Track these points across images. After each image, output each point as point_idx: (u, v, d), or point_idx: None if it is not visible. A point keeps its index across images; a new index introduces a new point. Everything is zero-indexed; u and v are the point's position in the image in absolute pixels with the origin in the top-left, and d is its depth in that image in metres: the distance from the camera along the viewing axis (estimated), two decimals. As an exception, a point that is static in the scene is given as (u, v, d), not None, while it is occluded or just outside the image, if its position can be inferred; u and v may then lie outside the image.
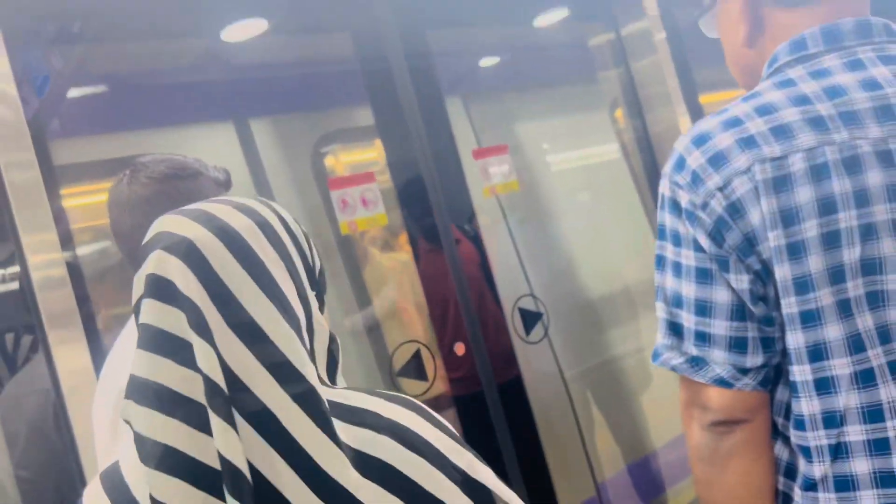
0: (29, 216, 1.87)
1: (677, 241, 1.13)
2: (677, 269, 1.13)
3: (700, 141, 1.13)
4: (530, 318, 3.39)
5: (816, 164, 1.05)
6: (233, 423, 0.86)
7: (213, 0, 2.52)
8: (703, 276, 1.11)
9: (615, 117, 3.89)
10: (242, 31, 2.89)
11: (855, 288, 1.05)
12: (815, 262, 1.05)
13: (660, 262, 1.17)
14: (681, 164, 1.13)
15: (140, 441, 0.88)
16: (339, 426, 0.92)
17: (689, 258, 1.12)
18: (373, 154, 3.42)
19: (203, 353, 0.88)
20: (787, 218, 1.05)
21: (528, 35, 3.78)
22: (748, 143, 1.08)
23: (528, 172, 3.67)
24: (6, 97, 1.87)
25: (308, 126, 3.27)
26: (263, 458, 0.87)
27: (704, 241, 1.10)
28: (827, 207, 1.05)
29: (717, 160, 1.10)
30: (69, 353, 1.95)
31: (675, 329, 1.14)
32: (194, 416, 0.87)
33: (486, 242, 3.36)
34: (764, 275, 1.09)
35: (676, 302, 1.13)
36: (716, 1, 1.28)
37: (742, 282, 1.09)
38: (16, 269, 1.95)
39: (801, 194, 1.05)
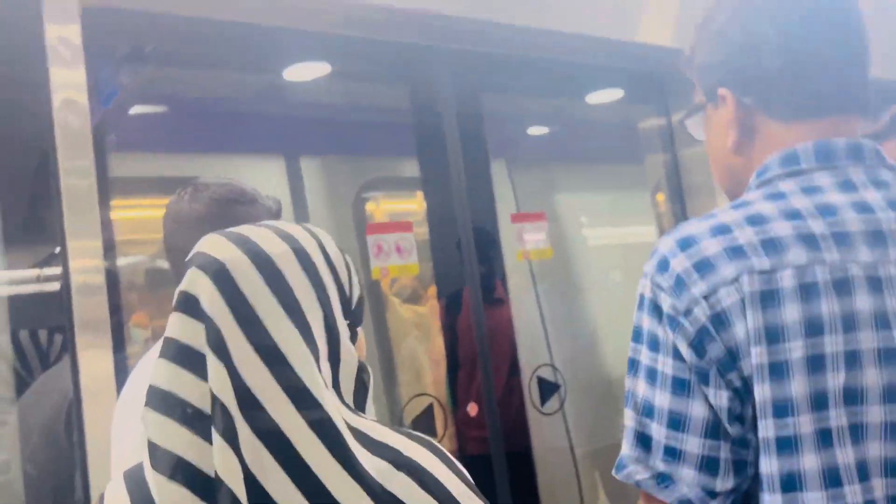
0: (78, 222, 1.93)
1: (654, 345, 1.07)
2: (652, 375, 1.07)
3: (686, 244, 1.07)
4: (547, 389, 3.37)
5: (806, 283, 1.01)
6: (235, 444, 0.88)
7: (281, 39, 2.61)
8: (680, 386, 1.04)
9: (656, 200, 3.92)
10: (305, 71, 2.99)
11: (837, 417, 0.99)
12: (797, 386, 0.99)
13: (632, 365, 1.10)
14: (664, 266, 1.08)
15: (152, 448, 0.91)
16: (360, 454, 0.94)
17: (666, 365, 1.05)
18: (413, 205, 3.47)
19: (215, 371, 0.90)
20: (773, 335, 1.00)
21: (580, 110, 3.86)
22: (737, 252, 1.03)
23: (563, 243, 3.70)
24: (76, 106, 1.95)
25: (355, 170, 3.34)
26: (273, 479, 0.89)
27: (685, 350, 1.04)
28: (814, 328, 1.00)
29: (704, 266, 1.05)
30: (94, 358, 1.98)
31: (644, 441, 1.08)
32: (206, 430, 0.90)
33: (513, 307, 3.37)
34: (743, 393, 1.02)
35: (648, 411, 1.07)
36: (705, 103, 1.24)
37: (721, 398, 1.02)
38: (57, 270, 2.00)
39: (789, 312, 1.00)
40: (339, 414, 0.95)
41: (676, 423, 1.04)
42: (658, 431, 1.05)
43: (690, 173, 3.63)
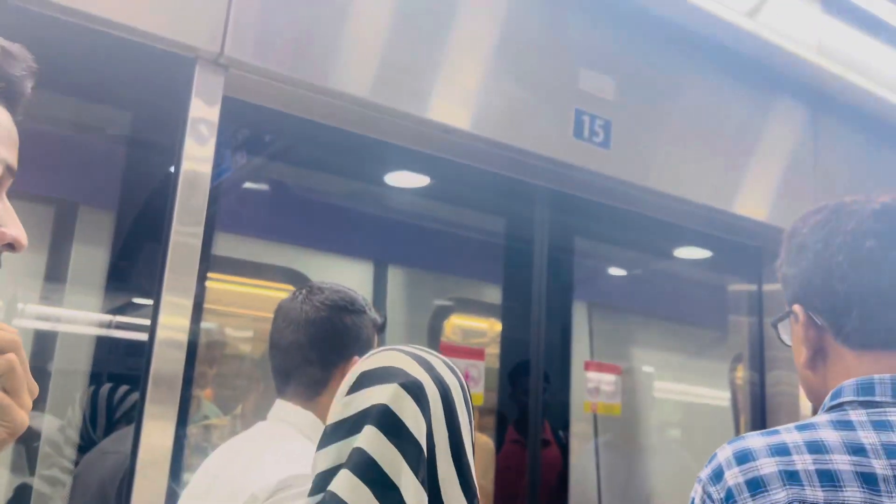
0: (177, 281, 2.03)
1: None
2: None
3: (742, 458, 1.06)
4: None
5: None
6: None
7: (387, 151, 2.75)
8: None
9: (735, 367, 3.83)
10: (405, 180, 3.12)
11: None
12: None
13: None
14: (718, 476, 1.07)
15: None
16: None
17: None
18: (486, 329, 3.50)
19: (416, 495, 0.92)
20: None
21: (670, 266, 3.87)
22: (792, 477, 1.01)
23: (631, 396, 3.63)
24: (200, 177, 2.10)
25: (438, 286, 3.42)
26: None
27: None
28: None
29: (756, 485, 1.03)
30: (158, 428, 2.01)
31: None
32: None
33: (572, 455, 3.29)
34: None
35: None
36: (788, 313, 1.23)
37: None
38: (146, 321, 2.08)
39: None
40: None
41: None
42: None
43: (775, 347, 3.55)
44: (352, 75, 2.40)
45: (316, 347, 1.56)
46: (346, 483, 0.93)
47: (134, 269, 2.24)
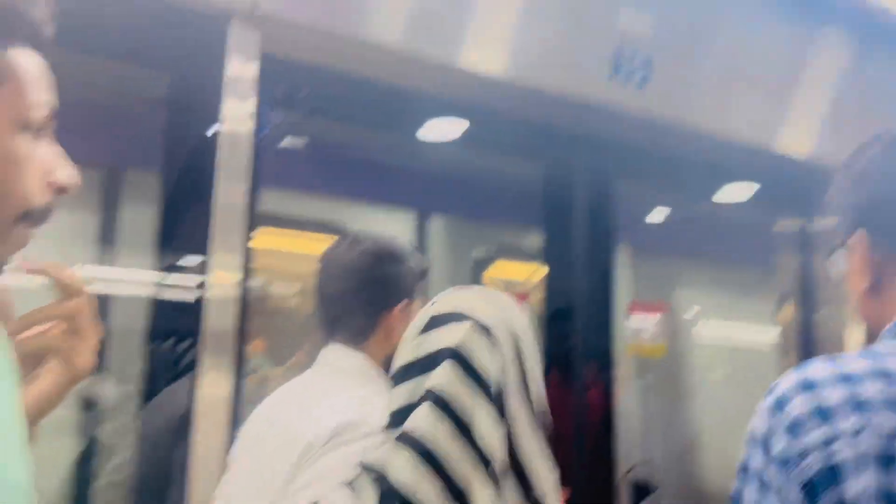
0: (225, 239, 2.06)
1: (761, 486, 1.05)
2: None
3: (808, 387, 1.05)
4: (640, 490, 3.27)
5: None
6: (500, 492, 0.94)
7: (423, 98, 2.73)
8: None
9: (783, 307, 3.80)
10: (444, 130, 3.09)
11: None
12: None
13: (736, 503, 1.08)
14: (781, 406, 1.06)
15: (394, 479, 0.96)
16: None
17: None
18: (528, 275, 3.52)
19: (491, 430, 0.96)
20: (890, 497, 0.95)
21: (714, 206, 3.82)
22: (861, 406, 1.01)
23: (676, 339, 3.63)
24: (241, 136, 2.11)
25: (478, 234, 3.43)
26: None
27: (793, 496, 1.01)
28: None
29: (824, 414, 1.02)
30: (215, 380, 2.07)
31: None
32: (450, 487, 0.94)
33: (617, 398, 3.31)
34: None
35: None
36: (842, 244, 1.22)
37: None
38: (198, 279, 2.12)
39: None
40: None
41: None
42: None
43: (821, 285, 3.51)
44: (386, 24, 2.38)
45: (361, 295, 1.57)
46: (422, 420, 0.97)
47: (182, 229, 2.26)
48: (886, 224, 1.15)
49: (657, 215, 3.85)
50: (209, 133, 2.12)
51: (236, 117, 2.11)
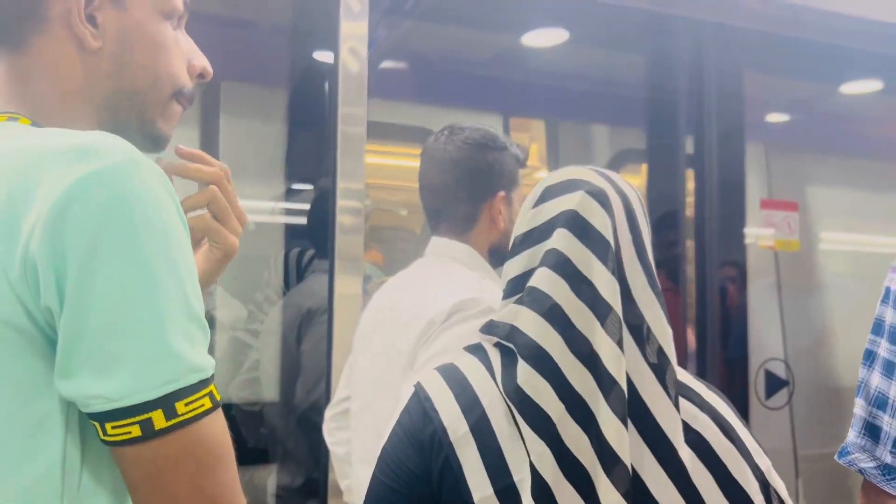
0: (349, 164, 2.13)
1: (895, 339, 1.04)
2: (889, 368, 1.06)
3: None
4: (774, 383, 3.22)
5: None
6: (620, 344, 0.98)
7: (522, 5, 2.64)
8: None
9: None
10: (542, 37, 3.01)
11: None
12: None
13: (868, 357, 1.10)
14: None
15: (520, 336, 1.01)
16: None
17: None
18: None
19: (609, 285, 1.00)
20: None
21: (844, 99, 3.57)
22: None
23: (809, 237, 3.48)
24: (359, 55, 2.14)
25: (603, 139, 3.37)
26: (639, 373, 0.99)
27: None
28: None
29: None
30: (348, 282, 2.18)
31: (873, 431, 1.08)
32: (574, 339, 0.99)
33: (751, 296, 3.24)
34: None
35: (881, 403, 1.07)
36: None
37: None
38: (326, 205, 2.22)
39: None
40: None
41: None
42: (889, 424, 1.05)
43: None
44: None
45: (463, 185, 1.60)
46: (545, 278, 1.02)
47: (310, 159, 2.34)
48: None
49: (792, 108, 3.63)
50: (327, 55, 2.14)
51: (352, 36, 2.13)
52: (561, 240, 1.02)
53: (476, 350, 1.08)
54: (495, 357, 1.04)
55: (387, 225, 3.06)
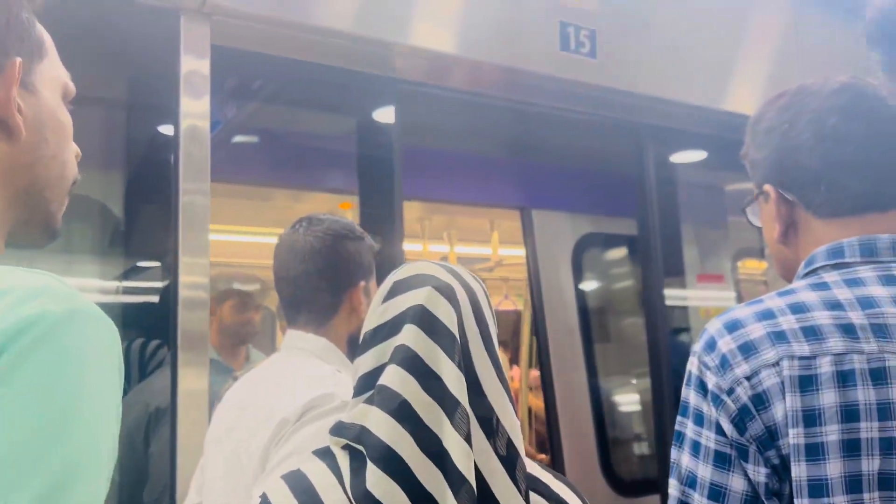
0: (192, 240, 2.05)
1: (699, 420, 1.12)
2: (696, 448, 1.12)
3: (732, 327, 1.14)
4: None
5: (843, 371, 1.05)
6: (468, 439, 0.99)
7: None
8: (722, 460, 1.09)
9: (736, 265, 3.92)
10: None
11: (871, 501, 1.02)
12: (833, 467, 1.03)
13: (678, 438, 1.16)
14: (711, 346, 1.14)
15: (369, 438, 0.99)
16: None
17: (709, 440, 1.11)
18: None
19: (456, 379, 1.01)
20: (809, 418, 1.05)
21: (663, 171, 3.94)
22: (779, 337, 1.09)
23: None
24: (200, 132, 2.09)
25: (574, 224, 3.60)
26: (488, 467, 1.01)
27: (727, 427, 1.09)
28: (850, 415, 1.04)
29: (748, 349, 1.10)
30: (193, 375, 2.06)
31: None
32: (424, 437, 0.99)
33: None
34: (781, 470, 1.07)
35: (690, 482, 1.12)
36: (757, 196, 1.31)
37: (759, 474, 1.07)
38: (166, 283, 2.11)
39: (826, 397, 1.05)
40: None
41: (716, 494, 1.09)
42: (699, 501, 1.11)
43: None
44: (334, 9, 2.37)
45: (325, 275, 1.61)
46: (395, 375, 1.02)
47: (149, 235, 2.24)
48: (791, 176, 1.23)
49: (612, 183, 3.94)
50: (167, 131, 2.09)
51: (193, 113, 2.09)
52: (409, 335, 1.04)
53: (324, 455, 1.06)
54: (344, 461, 1.03)
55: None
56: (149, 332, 2.35)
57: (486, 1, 2.66)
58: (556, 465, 3.37)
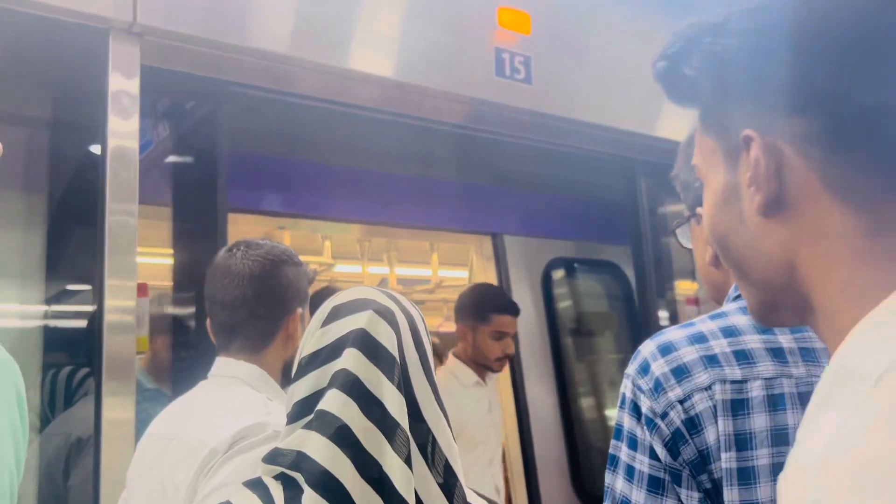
0: (118, 263, 1.99)
1: (633, 444, 1.12)
2: (629, 472, 1.12)
3: (666, 350, 1.14)
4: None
5: (774, 394, 1.07)
6: (408, 461, 0.98)
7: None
8: (655, 485, 1.09)
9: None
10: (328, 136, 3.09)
11: None
12: (763, 491, 1.04)
13: (612, 461, 1.15)
14: (645, 369, 1.14)
15: (308, 463, 0.98)
16: None
17: (643, 464, 1.11)
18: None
19: (397, 401, 1.01)
20: (741, 442, 1.06)
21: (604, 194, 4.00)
22: (711, 360, 1.10)
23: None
24: (128, 153, 2.04)
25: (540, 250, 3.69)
26: (427, 493, 1.01)
27: (660, 451, 1.09)
28: (780, 438, 1.05)
29: (681, 372, 1.11)
30: (118, 403, 1.99)
31: None
32: (364, 462, 0.98)
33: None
34: (714, 494, 1.07)
35: None
36: (689, 217, 1.32)
37: (692, 499, 1.07)
38: (92, 307, 2.05)
39: (757, 421, 1.06)
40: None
41: None
42: None
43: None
44: (269, 31, 2.35)
45: (263, 301, 1.58)
46: (335, 400, 1.01)
47: (72, 253, 2.17)
48: None
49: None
50: (95, 151, 2.04)
51: (121, 133, 2.04)
52: (350, 360, 1.03)
53: (255, 486, 1.03)
54: (277, 491, 1.01)
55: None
56: (74, 358, 2.28)
57: (424, 28, 2.67)
58: (529, 481, 3.41)
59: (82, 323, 2.22)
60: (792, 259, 0.71)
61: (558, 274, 3.83)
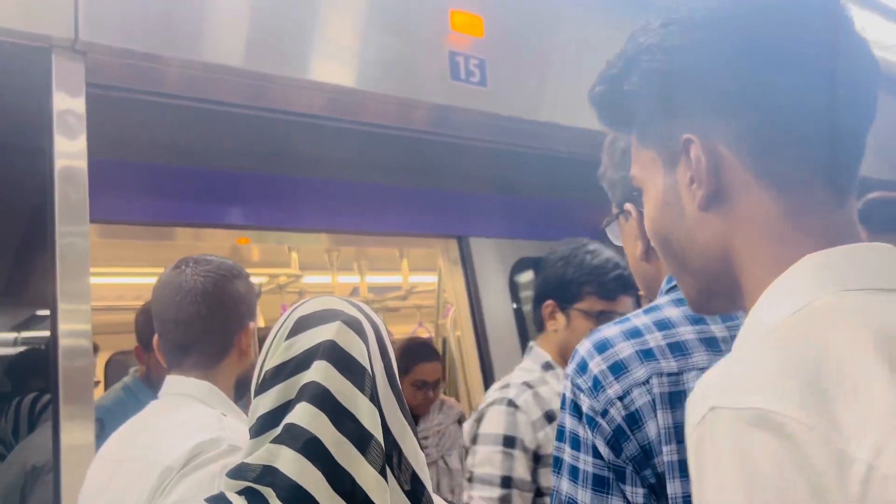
0: (71, 286, 1.95)
1: (576, 444, 1.12)
2: (574, 473, 1.11)
3: (602, 347, 1.14)
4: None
5: None
6: (383, 472, 0.97)
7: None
8: (600, 484, 1.09)
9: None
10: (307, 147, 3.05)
11: None
12: None
13: (557, 463, 1.14)
14: (583, 368, 1.14)
15: (277, 477, 0.96)
16: None
17: (587, 464, 1.10)
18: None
19: (369, 412, 1.00)
20: (682, 434, 1.05)
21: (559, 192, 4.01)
22: (647, 355, 1.10)
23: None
24: (77, 173, 2.00)
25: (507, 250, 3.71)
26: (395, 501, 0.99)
27: (603, 449, 1.09)
28: None
29: (618, 369, 1.10)
30: (76, 428, 1.95)
31: None
32: (335, 475, 0.96)
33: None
34: (658, 489, 1.07)
35: None
36: (617, 214, 1.32)
37: (637, 495, 1.07)
38: (45, 333, 2.01)
39: None
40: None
41: None
42: None
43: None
44: (222, 45, 2.32)
45: (216, 317, 1.56)
46: (305, 414, 0.99)
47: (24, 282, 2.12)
48: None
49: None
50: (41, 173, 2.00)
51: (69, 153, 1.99)
52: (319, 371, 1.01)
53: (218, 501, 1.01)
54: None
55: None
56: (29, 386, 2.23)
57: (376, 35, 2.66)
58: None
59: (38, 348, 2.18)
60: (727, 247, 0.80)
61: (525, 274, 3.83)
